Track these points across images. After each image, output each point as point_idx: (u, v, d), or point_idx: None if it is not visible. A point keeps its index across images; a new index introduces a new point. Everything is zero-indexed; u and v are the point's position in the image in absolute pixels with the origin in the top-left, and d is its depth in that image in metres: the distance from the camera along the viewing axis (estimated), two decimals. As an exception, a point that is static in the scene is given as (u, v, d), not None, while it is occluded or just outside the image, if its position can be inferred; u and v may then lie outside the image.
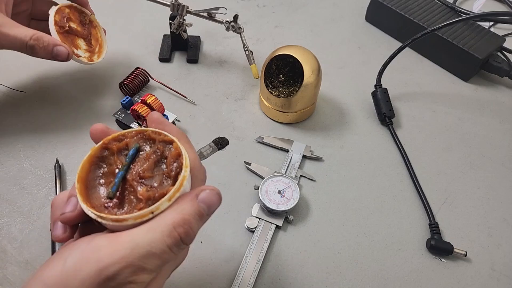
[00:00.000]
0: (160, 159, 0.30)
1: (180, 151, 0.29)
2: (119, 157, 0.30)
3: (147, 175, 0.29)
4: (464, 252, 0.42)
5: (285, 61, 0.54)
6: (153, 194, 0.27)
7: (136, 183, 0.28)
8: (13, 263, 0.39)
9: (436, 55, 0.64)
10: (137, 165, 0.29)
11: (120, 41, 0.63)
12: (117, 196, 0.28)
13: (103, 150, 0.30)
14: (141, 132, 0.31)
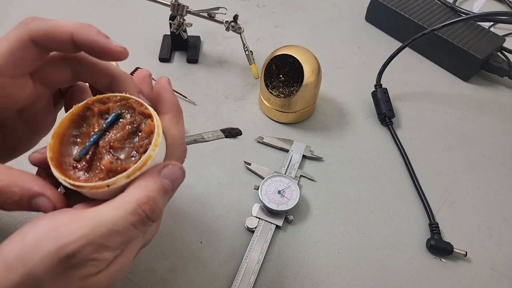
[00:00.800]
0: (135, 131, 0.29)
1: (153, 128, 0.28)
2: (99, 120, 0.29)
3: (117, 145, 0.28)
4: (464, 252, 0.42)
5: (285, 61, 0.54)
6: (115, 167, 0.27)
7: (105, 151, 0.28)
8: (13, 263, 0.39)
9: (436, 55, 0.64)
10: (112, 133, 0.28)
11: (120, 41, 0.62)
12: (87, 159, 0.28)
13: (86, 109, 0.29)
14: (125, 99, 0.30)
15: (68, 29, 0.29)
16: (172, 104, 0.30)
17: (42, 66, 0.30)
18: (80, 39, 0.29)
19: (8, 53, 0.28)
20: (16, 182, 0.26)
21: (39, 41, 0.29)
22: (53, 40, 0.29)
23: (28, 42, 0.28)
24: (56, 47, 0.29)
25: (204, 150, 0.50)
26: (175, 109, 0.30)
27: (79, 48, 0.29)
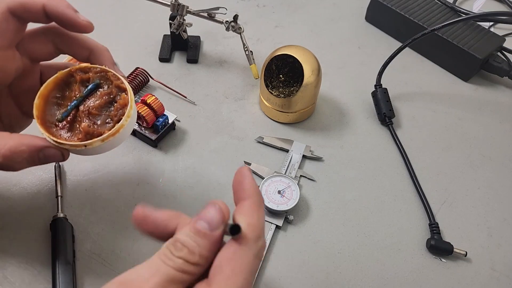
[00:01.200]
0: (111, 101, 0.34)
1: (127, 102, 0.33)
2: (80, 87, 0.34)
3: (95, 112, 0.33)
4: (464, 252, 0.42)
5: (285, 61, 0.54)
6: (92, 130, 0.32)
7: (83, 115, 0.33)
8: (13, 263, 0.39)
9: (436, 55, 0.64)
10: (91, 100, 0.33)
11: (120, 41, 0.63)
12: (68, 121, 0.33)
13: (69, 76, 0.34)
14: (105, 72, 0.34)
15: (41, 1, 0.33)
16: (253, 190, 0.29)
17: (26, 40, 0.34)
18: (51, 10, 0.33)
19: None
20: (21, 141, 0.31)
21: (16, 12, 0.32)
22: (28, 11, 0.32)
23: (7, 13, 0.32)
24: (31, 17, 0.33)
25: (204, 150, 0.50)
26: (256, 196, 0.29)
27: (50, 18, 0.33)
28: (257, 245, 0.25)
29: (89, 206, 0.44)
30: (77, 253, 0.40)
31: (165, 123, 0.49)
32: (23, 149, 0.31)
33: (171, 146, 0.50)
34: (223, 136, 0.52)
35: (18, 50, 0.34)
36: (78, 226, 0.42)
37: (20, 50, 0.34)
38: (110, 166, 0.47)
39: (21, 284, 0.38)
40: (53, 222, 0.41)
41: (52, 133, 0.32)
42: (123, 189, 0.46)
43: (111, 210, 0.44)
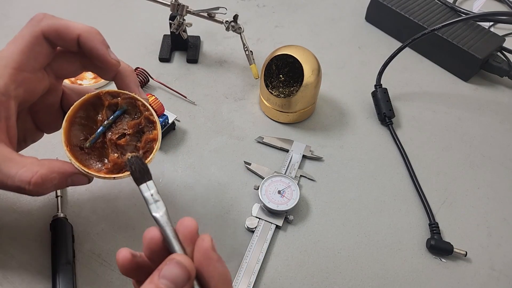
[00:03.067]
0: (138, 132, 0.34)
1: (157, 138, 0.33)
2: (107, 112, 0.34)
3: (123, 142, 0.33)
4: (464, 252, 0.42)
5: (285, 61, 0.54)
6: (120, 162, 0.33)
7: (112, 144, 0.33)
8: (13, 263, 0.39)
9: (436, 55, 0.64)
10: (118, 127, 0.33)
11: (120, 41, 0.63)
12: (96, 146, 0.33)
13: (97, 99, 0.34)
14: (135, 99, 0.34)
15: (77, 30, 0.33)
16: (219, 278, 0.24)
17: (54, 59, 0.34)
18: (85, 43, 0.33)
19: (28, 50, 0.32)
20: (52, 169, 0.31)
21: (50, 37, 0.32)
22: (63, 39, 0.32)
23: (41, 38, 0.32)
24: (63, 44, 0.33)
25: (204, 150, 0.50)
26: (221, 284, 0.25)
27: (81, 49, 0.33)
28: None
29: (89, 206, 0.44)
30: (77, 253, 0.40)
31: (165, 123, 0.49)
32: (54, 176, 0.31)
33: (171, 146, 0.50)
34: (223, 136, 0.52)
35: (46, 70, 0.34)
36: (78, 226, 0.42)
37: (47, 69, 0.34)
38: (110, 166, 0.47)
39: (21, 284, 0.38)
40: (53, 222, 0.41)
41: (76, 157, 0.32)
42: (123, 189, 0.46)
43: (111, 210, 0.44)
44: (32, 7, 0.67)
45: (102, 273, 0.39)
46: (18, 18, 0.65)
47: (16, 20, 0.64)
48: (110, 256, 0.41)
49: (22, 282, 0.38)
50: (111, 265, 0.40)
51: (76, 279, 0.38)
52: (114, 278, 0.39)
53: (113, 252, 0.41)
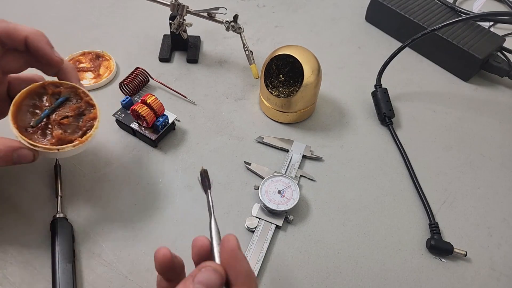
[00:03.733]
0: (80, 114, 0.40)
1: (96, 116, 0.40)
2: (51, 99, 0.39)
3: (65, 122, 0.39)
4: (464, 252, 0.42)
5: (285, 61, 0.54)
6: (63, 137, 0.38)
7: (55, 124, 0.38)
8: (13, 263, 0.39)
9: (436, 55, 0.64)
10: (61, 110, 0.39)
11: (120, 41, 0.63)
12: (40, 127, 0.38)
13: (42, 88, 0.39)
14: (75, 88, 0.40)
15: (24, 32, 0.37)
16: (245, 276, 0.26)
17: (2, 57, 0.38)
18: (31, 43, 0.38)
19: None
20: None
21: (1, 38, 0.37)
22: (11, 39, 0.37)
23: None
24: (12, 44, 0.38)
25: (204, 150, 0.50)
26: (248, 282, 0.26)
27: (29, 48, 0.38)
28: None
29: (89, 206, 0.44)
30: (77, 253, 0.40)
31: (165, 123, 0.49)
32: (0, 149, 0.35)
33: (171, 146, 0.50)
34: (223, 136, 0.52)
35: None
36: (78, 226, 0.42)
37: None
38: (110, 166, 0.47)
39: (21, 284, 0.38)
40: (53, 222, 0.41)
41: (22, 134, 0.37)
42: (123, 189, 0.46)
43: (111, 210, 0.44)
44: (32, 7, 0.67)
45: (102, 273, 0.39)
46: (18, 18, 0.65)
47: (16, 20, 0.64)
48: (110, 256, 0.41)
49: (22, 282, 0.38)
50: (111, 265, 0.40)
51: (76, 279, 0.38)
52: (114, 278, 0.39)
53: (113, 252, 0.41)
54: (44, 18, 0.65)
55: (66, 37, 0.62)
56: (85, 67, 0.57)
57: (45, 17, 0.65)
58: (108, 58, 0.58)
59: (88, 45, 0.61)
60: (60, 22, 0.65)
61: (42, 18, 0.65)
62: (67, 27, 0.64)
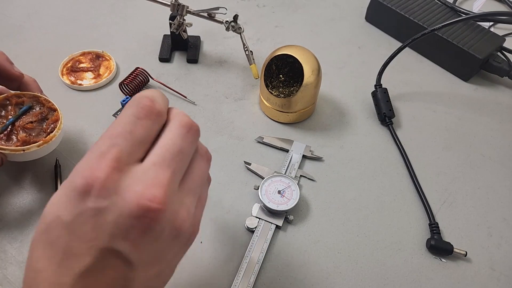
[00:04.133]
0: (43, 119, 0.43)
1: (59, 118, 0.43)
2: (15, 108, 0.42)
3: (30, 126, 0.42)
4: (464, 252, 0.42)
5: (285, 61, 0.54)
6: (28, 139, 0.41)
7: (20, 129, 0.41)
8: (13, 263, 0.39)
9: (436, 55, 0.64)
10: (26, 118, 0.42)
11: (120, 41, 0.63)
12: (5, 134, 0.41)
13: (5, 100, 0.42)
14: (37, 97, 0.43)
15: None
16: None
17: None
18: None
19: None
20: None
21: None
22: None
23: None
24: None
25: (204, 150, 0.50)
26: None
27: None
28: (133, 99, 0.26)
29: (89, 206, 0.44)
30: (77, 253, 0.40)
31: (165, 123, 0.49)
32: None
33: (171, 146, 0.50)
34: (223, 136, 0.52)
35: None
36: (78, 226, 0.42)
37: None
38: (110, 166, 0.47)
39: (21, 284, 0.38)
40: (53, 222, 0.41)
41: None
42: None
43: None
44: (32, 7, 0.67)
45: (102, 273, 0.39)
46: (18, 18, 0.65)
47: (16, 20, 0.65)
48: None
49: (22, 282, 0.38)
50: (111, 265, 0.40)
51: (76, 279, 0.38)
52: (114, 278, 0.39)
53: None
54: (44, 18, 0.65)
55: (66, 37, 0.63)
56: (85, 67, 0.57)
57: (45, 17, 0.65)
58: (108, 58, 0.58)
59: (88, 45, 0.61)
60: (60, 22, 0.65)
61: (42, 18, 0.65)
62: (67, 27, 0.64)
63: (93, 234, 0.23)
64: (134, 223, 0.23)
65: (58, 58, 0.58)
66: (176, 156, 0.25)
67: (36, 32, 0.63)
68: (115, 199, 0.23)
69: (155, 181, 0.23)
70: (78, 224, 0.23)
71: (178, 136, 0.26)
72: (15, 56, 0.46)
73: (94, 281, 0.23)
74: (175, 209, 0.25)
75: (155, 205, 0.23)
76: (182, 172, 0.26)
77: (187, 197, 0.26)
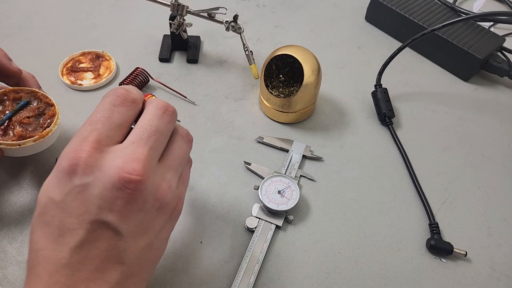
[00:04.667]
0: (40, 114, 0.43)
1: (56, 113, 0.42)
2: (13, 104, 0.42)
3: (26, 121, 0.41)
4: (464, 252, 0.42)
5: (285, 61, 0.54)
6: (25, 134, 0.40)
7: (17, 124, 0.41)
8: (13, 263, 0.39)
9: (436, 55, 0.64)
10: (23, 113, 0.42)
11: (120, 41, 0.63)
12: (2, 129, 0.40)
13: (3, 95, 0.42)
14: (34, 92, 0.43)
15: None
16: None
17: None
18: None
19: None
20: None
21: None
22: None
23: None
24: None
25: (204, 150, 0.50)
26: None
27: None
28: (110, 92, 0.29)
29: (89, 206, 0.44)
30: (77, 253, 0.40)
31: (165, 123, 0.49)
32: None
33: (171, 146, 0.50)
34: (223, 136, 0.52)
35: None
36: (78, 226, 0.42)
37: None
38: (110, 166, 0.47)
39: (21, 284, 0.38)
40: (53, 222, 0.41)
41: None
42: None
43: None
44: (32, 7, 0.67)
45: (102, 273, 0.39)
46: (18, 18, 0.65)
47: (16, 20, 0.65)
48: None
49: (22, 282, 0.38)
50: (111, 265, 0.40)
51: (76, 279, 0.38)
52: (114, 278, 0.39)
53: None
54: (44, 18, 0.65)
55: (66, 37, 0.63)
56: (85, 67, 0.57)
57: (45, 17, 0.65)
58: (108, 58, 0.58)
59: (88, 45, 0.61)
60: (60, 22, 0.65)
61: (42, 18, 0.65)
62: (67, 27, 0.64)
63: (83, 209, 0.25)
64: (117, 194, 0.25)
65: (58, 58, 0.58)
66: (153, 134, 0.28)
67: (36, 32, 0.63)
68: (98, 175, 0.25)
69: (134, 156, 0.26)
70: (68, 201, 0.25)
71: (154, 116, 0.28)
72: (15, 56, 0.46)
73: (88, 253, 0.25)
74: (156, 182, 0.27)
75: (134, 177, 0.25)
76: (161, 150, 0.29)
77: (167, 173, 0.29)
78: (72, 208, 0.25)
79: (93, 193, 0.25)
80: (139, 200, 0.26)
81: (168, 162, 0.29)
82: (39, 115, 0.43)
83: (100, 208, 0.25)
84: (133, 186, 0.25)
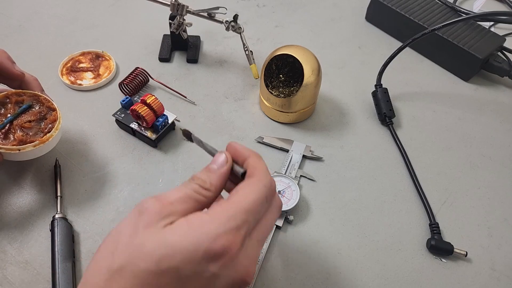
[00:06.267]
0: (42, 118, 0.42)
1: (57, 118, 0.42)
2: (15, 107, 0.42)
3: (27, 125, 0.41)
4: (465, 252, 0.42)
5: (285, 61, 0.54)
6: (25, 139, 0.40)
7: (18, 127, 0.41)
8: (13, 263, 0.39)
9: (436, 55, 0.64)
10: (24, 117, 0.42)
11: (120, 41, 0.63)
12: (2, 132, 0.40)
13: (5, 98, 0.42)
14: (37, 96, 0.43)
15: None
16: (249, 151, 0.33)
17: None
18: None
19: None
20: None
21: None
22: None
23: None
24: None
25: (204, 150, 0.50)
26: (253, 153, 0.33)
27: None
28: (266, 178, 0.30)
29: (89, 206, 0.44)
30: (77, 253, 0.40)
31: (165, 123, 0.49)
32: None
33: (171, 146, 0.50)
34: (223, 136, 0.52)
35: None
36: (78, 226, 0.42)
37: None
38: (110, 166, 0.47)
39: (21, 284, 0.38)
40: (53, 222, 0.41)
41: None
42: (123, 189, 0.46)
43: (111, 210, 0.44)
44: (32, 7, 0.67)
45: (102, 273, 0.39)
46: (18, 18, 0.65)
47: (16, 20, 0.64)
48: (110, 256, 0.40)
49: (22, 282, 0.38)
50: (111, 265, 0.40)
51: (76, 279, 0.38)
52: (114, 278, 0.39)
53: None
54: (44, 18, 0.65)
55: (66, 37, 0.63)
56: (85, 67, 0.57)
57: (45, 17, 0.65)
58: (108, 58, 0.58)
59: (88, 45, 0.61)
60: (60, 22, 0.65)
61: (42, 18, 0.65)
62: (67, 27, 0.64)
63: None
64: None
65: (58, 58, 0.58)
66: (268, 234, 0.32)
67: (36, 32, 0.63)
68: (231, 272, 0.26)
69: (255, 259, 0.28)
70: (192, 280, 0.25)
71: (273, 221, 0.30)
72: (15, 56, 0.46)
73: None
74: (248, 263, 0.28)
75: (250, 280, 0.27)
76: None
77: (257, 249, 0.29)
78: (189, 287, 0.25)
79: (216, 285, 0.26)
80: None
81: (259, 236, 0.29)
82: (41, 120, 0.42)
83: None
84: (245, 287, 0.27)
